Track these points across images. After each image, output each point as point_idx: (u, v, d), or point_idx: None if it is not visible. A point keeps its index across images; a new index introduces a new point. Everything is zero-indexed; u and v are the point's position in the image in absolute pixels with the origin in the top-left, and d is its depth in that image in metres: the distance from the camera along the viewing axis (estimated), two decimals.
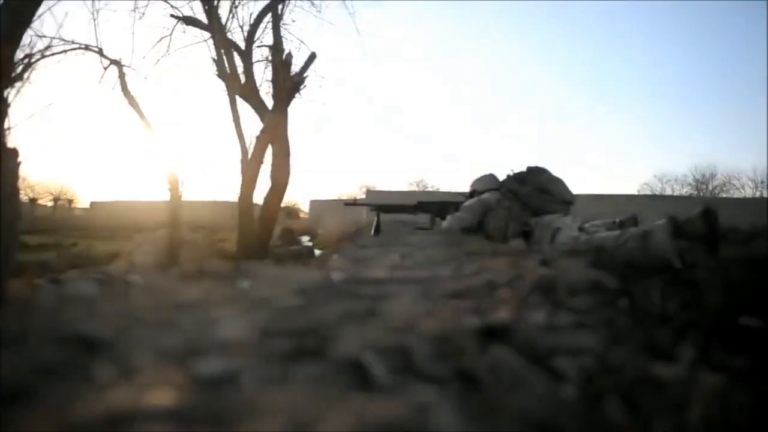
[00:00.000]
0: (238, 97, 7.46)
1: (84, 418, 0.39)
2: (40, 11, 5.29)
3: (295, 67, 7.39)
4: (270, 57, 7.55)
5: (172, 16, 7.89)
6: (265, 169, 7.03)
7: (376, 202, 4.79)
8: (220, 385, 0.41)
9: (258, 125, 7.32)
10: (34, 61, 7.61)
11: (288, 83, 7.02)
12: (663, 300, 1.20)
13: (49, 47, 7.74)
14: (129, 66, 7.57)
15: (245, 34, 7.69)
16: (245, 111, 7.57)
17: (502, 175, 4.02)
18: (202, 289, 0.90)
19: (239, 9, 7.91)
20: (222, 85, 7.49)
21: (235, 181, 6.99)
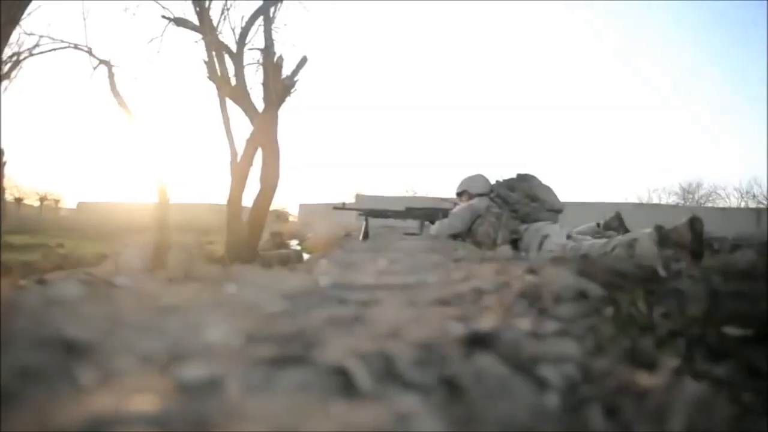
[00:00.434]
0: (228, 100, 7.45)
1: (66, 422, 0.39)
2: (30, 9, 5.25)
3: (287, 71, 7.38)
4: (261, 60, 7.55)
5: (163, 17, 7.86)
6: (254, 172, 7.01)
7: (365, 207, 4.79)
8: (204, 391, 0.41)
9: (248, 128, 7.30)
10: (22, 59, 7.54)
11: (279, 86, 7.02)
12: (647, 308, 1.21)
13: (37, 45, 7.67)
14: (118, 66, 7.52)
15: (236, 36, 7.68)
16: (236, 113, 7.55)
17: (492, 177, 4.03)
18: (188, 293, 0.90)
19: (231, 11, 7.89)
20: (213, 87, 7.47)
21: (224, 183, 6.96)
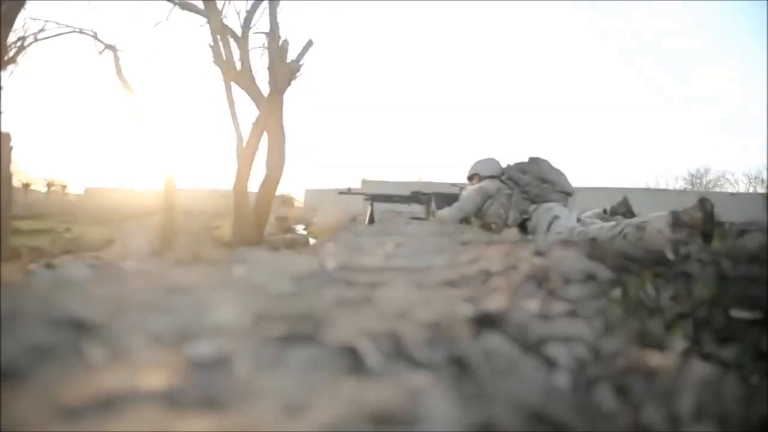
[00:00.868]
0: (234, 84, 7.42)
1: (76, 399, 0.39)
2: None
3: (292, 55, 7.35)
4: (266, 44, 7.51)
5: (168, 0, 7.82)
6: (260, 157, 7.01)
7: (371, 192, 4.77)
8: (213, 368, 0.41)
9: (254, 112, 7.29)
10: (27, 44, 7.53)
11: (284, 70, 6.99)
12: (655, 291, 1.21)
13: (42, 30, 7.65)
14: (124, 50, 7.51)
15: (241, 20, 7.64)
16: (241, 98, 7.53)
17: (503, 163, 4.01)
18: (196, 275, 0.90)
19: None
20: (218, 71, 7.44)
21: (231, 168, 6.97)
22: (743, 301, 1.29)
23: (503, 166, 3.94)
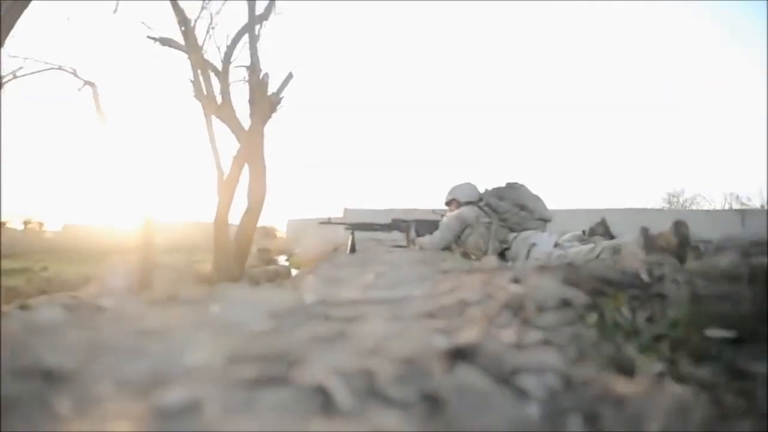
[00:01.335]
0: (215, 118, 7.44)
1: None
2: (13, 32, 5.23)
3: (273, 87, 7.40)
4: (247, 77, 7.57)
5: (149, 37, 7.87)
6: (241, 189, 6.99)
7: (351, 221, 4.78)
8: (182, 415, 0.41)
9: (234, 144, 7.30)
10: (5, 81, 7.49)
11: (265, 103, 7.04)
12: (631, 314, 1.22)
13: (21, 68, 7.63)
14: (103, 86, 7.52)
15: (222, 54, 7.70)
16: (222, 131, 7.54)
17: (480, 187, 4.04)
18: (172, 315, 0.89)
19: (216, 29, 7.92)
20: (199, 105, 7.46)
21: (212, 201, 6.94)
22: (718, 320, 1.31)
23: (480, 191, 3.98)
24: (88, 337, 0.74)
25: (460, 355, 0.59)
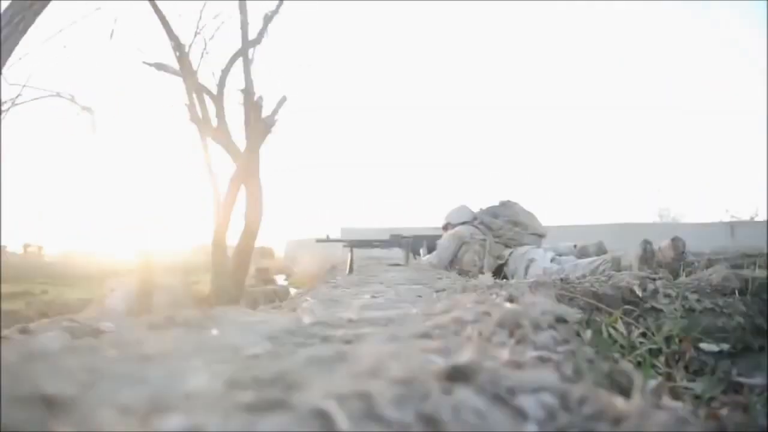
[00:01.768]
0: (210, 140, 7.48)
1: None
2: (11, 61, 5.26)
3: (267, 110, 7.45)
4: (242, 100, 7.62)
5: (144, 62, 7.93)
6: (238, 210, 6.99)
7: (349, 239, 4.76)
8: None
9: (230, 166, 7.32)
10: (5, 109, 7.52)
11: (260, 126, 7.07)
12: (626, 329, 1.22)
13: (19, 95, 7.66)
14: (100, 112, 7.56)
15: (217, 79, 7.76)
16: (218, 153, 7.57)
17: (476, 208, 4.07)
18: (171, 339, 0.89)
19: (210, 54, 8.00)
20: (195, 128, 7.50)
21: (209, 223, 6.93)
22: (712, 333, 1.31)
23: (475, 211, 4.00)
24: (87, 363, 0.73)
25: (457, 375, 0.59)
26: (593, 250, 3.48)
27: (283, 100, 7.40)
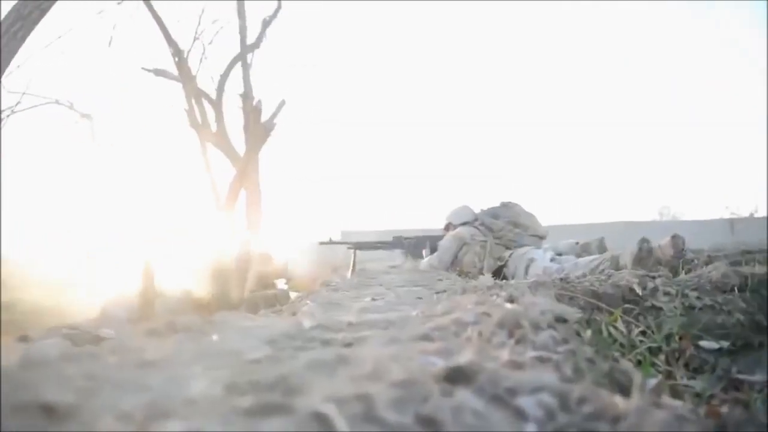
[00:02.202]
0: (210, 145, 7.48)
1: None
2: (9, 68, 5.27)
3: (266, 115, 7.46)
4: (241, 105, 7.63)
5: (143, 68, 7.94)
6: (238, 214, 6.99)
7: (352, 241, 4.76)
8: None
9: (230, 170, 7.33)
10: (4, 117, 7.53)
11: (259, 130, 7.08)
12: (626, 328, 1.22)
13: (19, 103, 7.67)
14: (99, 119, 7.56)
15: (216, 84, 7.78)
16: (218, 157, 7.58)
17: (477, 208, 4.06)
18: (172, 345, 0.89)
19: (209, 59, 8.01)
20: (194, 133, 7.51)
21: (209, 227, 6.93)
22: (712, 330, 1.31)
23: (476, 211, 4.00)
24: (87, 370, 0.73)
25: (457, 376, 0.59)
26: (595, 246, 3.47)
27: (282, 103, 7.42)
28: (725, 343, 1.21)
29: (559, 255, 3.50)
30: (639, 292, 1.41)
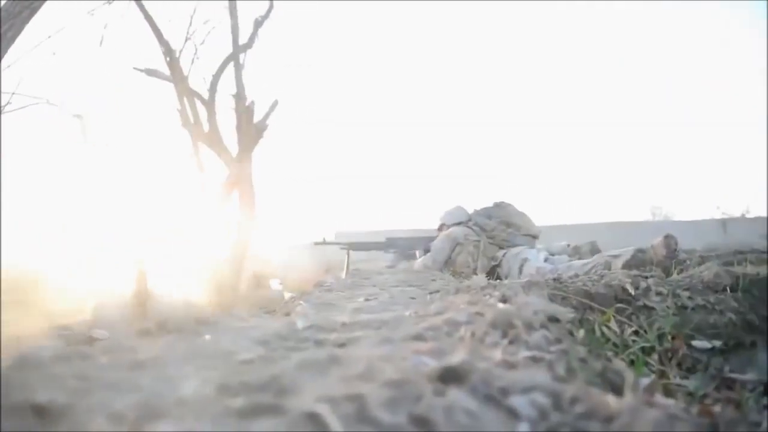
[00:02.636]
0: (202, 145, 7.45)
1: None
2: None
3: (259, 115, 7.41)
4: (234, 105, 7.59)
5: (134, 68, 7.90)
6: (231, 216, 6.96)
7: (346, 241, 4.74)
8: None
9: (223, 171, 7.30)
10: None
11: (251, 131, 7.06)
12: (619, 327, 1.23)
13: (9, 104, 7.62)
14: (91, 120, 7.51)
15: (208, 84, 7.74)
16: (210, 158, 7.54)
17: (470, 209, 4.07)
18: (164, 345, 0.88)
19: (201, 59, 7.97)
20: (186, 133, 7.47)
21: (201, 228, 6.89)
22: (704, 330, 1.32)
23: (470, 212, 4.00)
24: (80, 370, 0.73)
25: (450, 376, 0.59)
26: (586, 249, 3.48)
27: (275, 104, 7.38)
28: (718, 343, 1.21)
29: (552, 255, 3.51)
30: (631, 291, 1.42)
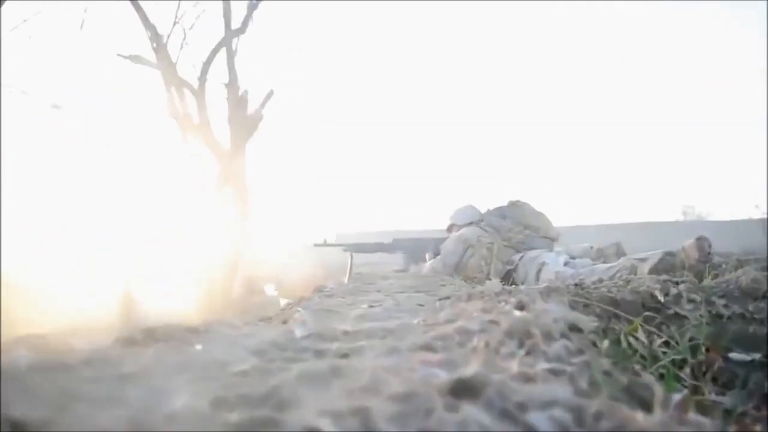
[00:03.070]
0: (192, 137, 7.48)
1: None
2: None
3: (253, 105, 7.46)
4: (226, 95, 7.63)
5: (119, 55, 7.94)
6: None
7: (349, 243, 4.76)
8: None
9: (215, 165, 7.32)
10: None
11: (246, 122, 7.08)
12: (647, 338, 1.22)
13: None
14: (69, 110, 7.56)
15: (198, 71, 7.76)
16: (201, 152, 7.57)
17: (483, 208, 4.06)
18: (151, 355, 0.89)
19: (191, 45, 7.99)
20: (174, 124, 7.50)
21: (192, 229, 6.93)
22: (742, 341, 1.31)
23: (482, 211, 3.99)
24: (59, 383, 0.74)
25: (462, 389, 0.59)
26: (611, 252, 3.47)
27: (271, 93, 7.42)
28: (757, 356, 1.21)
29: (573, 259, 3.50)
30: (661, 299, 1.41)
